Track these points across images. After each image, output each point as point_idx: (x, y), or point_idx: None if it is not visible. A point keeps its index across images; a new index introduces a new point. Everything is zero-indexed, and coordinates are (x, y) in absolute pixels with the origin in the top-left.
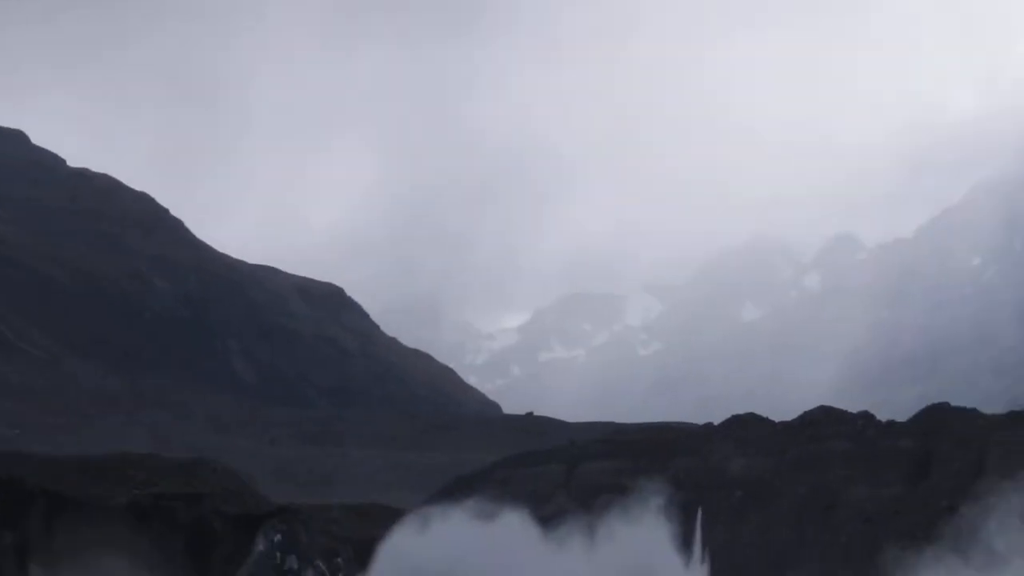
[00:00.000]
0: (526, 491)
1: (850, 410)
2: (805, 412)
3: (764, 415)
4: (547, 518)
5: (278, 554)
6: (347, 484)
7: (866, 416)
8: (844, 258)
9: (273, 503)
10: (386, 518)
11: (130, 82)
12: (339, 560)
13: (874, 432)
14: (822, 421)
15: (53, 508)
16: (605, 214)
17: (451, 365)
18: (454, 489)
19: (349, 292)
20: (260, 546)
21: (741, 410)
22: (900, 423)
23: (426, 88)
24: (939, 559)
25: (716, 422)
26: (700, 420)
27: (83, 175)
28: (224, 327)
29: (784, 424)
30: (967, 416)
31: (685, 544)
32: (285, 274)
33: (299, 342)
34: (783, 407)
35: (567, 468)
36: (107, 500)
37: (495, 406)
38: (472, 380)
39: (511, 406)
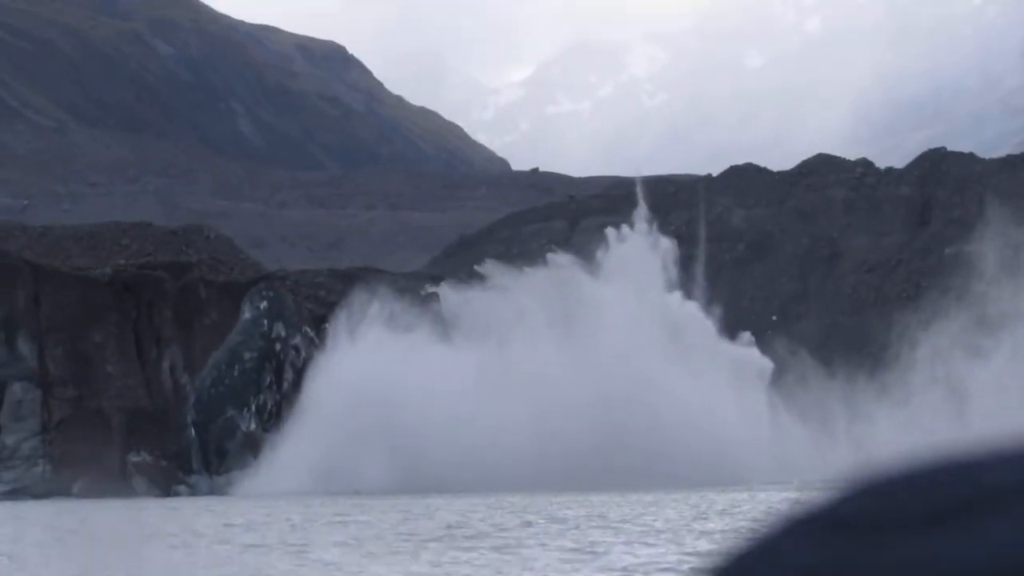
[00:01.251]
0: (530, 249)
1: (858, 156)
2: (803, 161)
3: (771, 165)
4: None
5: (265, 321)
6: (356, 246)
7: (865, 163)
8: (842, 2)
9: (263, 269)
10: (376, 282)
11: None
12: (326, 326)
13: (873, 179)
14: (821, 169)
15: (40, 280)
16: None
17: (458, 122)
18: (457, 249)
19: (351, 50)
20: (246, 313)
21: (750, 160)
22: (898, 169)
23: None
24: (940, 306)
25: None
26: (710, 171)
27: None
28: (227, 90)
29: (783, 173)
30: (965, 160)
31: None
32: (286, 33)
33: (303, 102)
34: (791, 155)
35: (569, 224)
36: (92, 271)
37: (503, 162)
38: (480, 137)
39: (519, 162)
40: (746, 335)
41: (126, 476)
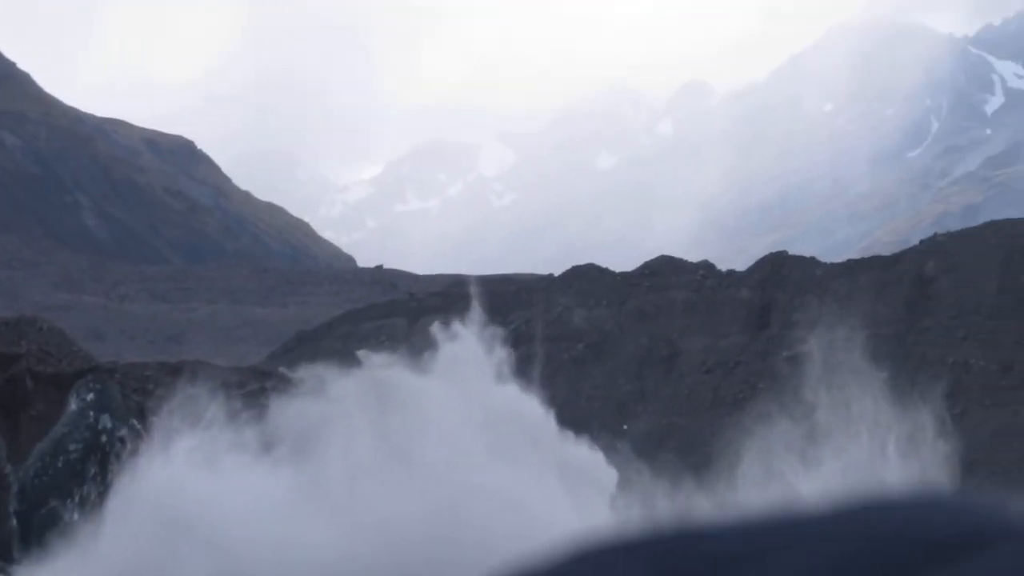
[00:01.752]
0: (369, 345)
1: (707, 259)
2: (645, 262)
3: (618, 266)
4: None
5: (91, 413)
6: (197, 340)
7: (706, 266)
8: (696, 105)
9: (93, 361)
10: (204, 375)
11: None
12: (154, 418)
13: (714, 282)
14: (663, 271)
15: None
16: (459, 63)
17: (305, 218)
18: (296, 345)
19: (200, 145)
20: (73, 405)
21: (597, 261)
22: (739, 272)
23: None
24: (778, 407)
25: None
26: (556, 271)
27: None
28: (74, 183)
29: (625, 274)
30: (805, 264)
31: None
32: (134, 127)
33: (149, 196)
34: (639, 256)
35: (408, 321)
36: None
37: (350, 259)
38: (327, 234)
39: (366, 259)
40: (584, 439)
41: None
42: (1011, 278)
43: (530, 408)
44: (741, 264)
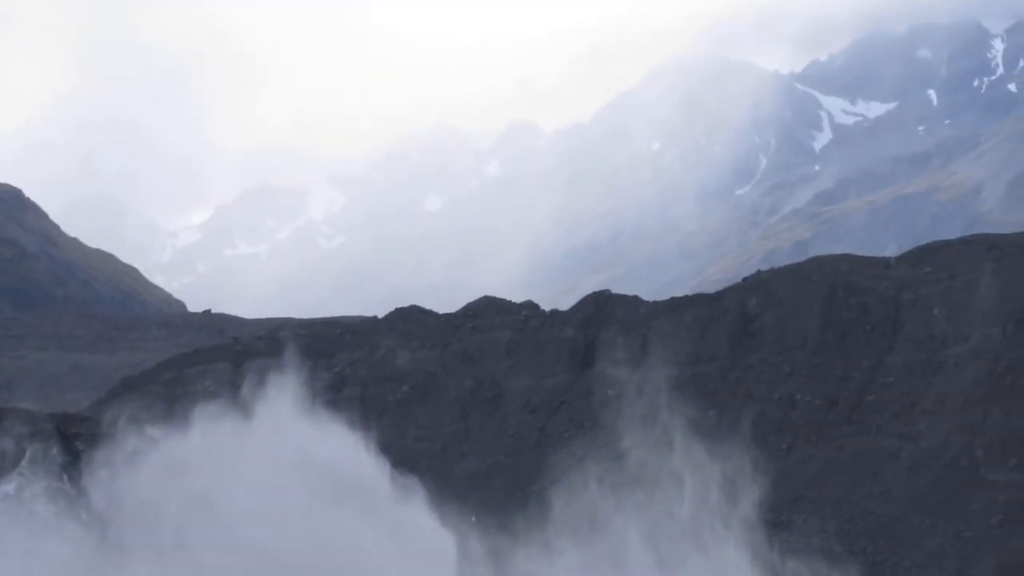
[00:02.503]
0: (194, 390)
1: (535, 299)
2: (468, 304)
3: (445, 307)
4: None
5: None
6: (26, 388)
7: (530, 306)
8: (523, 145)
9: None
10: (21, 424)
11: None
12: None
13: (537, 322)
14: (486, 312)
15: None
16: (286, 108)
17: (135, 264)
18: (121, 390)
19: (28, 193)
20: None
21: (423, 302)
22: (563, 312)
23: None
24: (600, 446)
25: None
26: (380, 313)
27: None
28: None
29: (448, 316)
30: (629, 303)
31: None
32: None
33: None
34: (466, 297)
35: (233, 365)
36: None
37: (180, 304)
38: (158, 279)
39: (197, 304)
40: (417, 494)
41: None
42: (835, 313)
43: (356, 459)
44: (570, 304)
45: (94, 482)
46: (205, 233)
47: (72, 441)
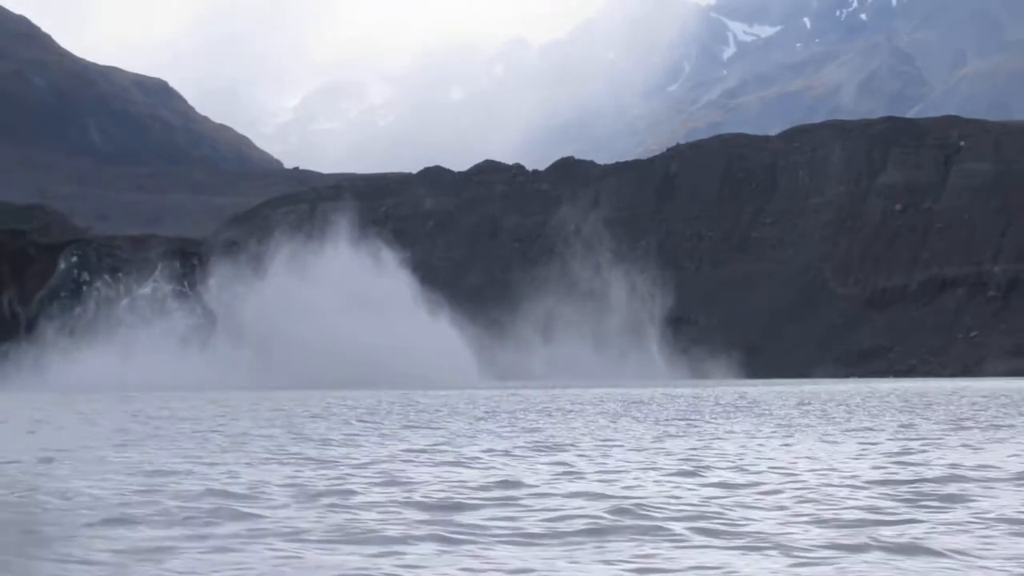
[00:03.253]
0: (281, 223)
1: (523, 162)
2: (476, 164)
3: (460, 167)
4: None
5: (75, 271)
6: (169, 220)
7: (518, 167)
8: (517, 54)
9: (79, 233)
10: (158, 245)
11: None
12: (119, 275)
13: (523, 178)
14: (487, 171)
15: None
16: (354, 24)
17: (247, 135)
18: (231, 222)
19: (172, 84)
20: (62, 265)
21: (446, 164)
22: (541, 171)
23: None
24: (563, 267)
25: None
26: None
27: None
28: (84, 111)
29: (461, 173)
30: (586, 166)
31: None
32: (126, 72)
33: (139, 121)
34: (477, 159)
35: (311, 207)
36: None
37: (278, 163)
38: (263, 145)
39: (290, 163)
40: (442, 307)
41: None
42: (731, 174)
43: (394, 277)
44: (547, 166)
45: (206, 287)
46: (296, 113)
47: (191, 258)
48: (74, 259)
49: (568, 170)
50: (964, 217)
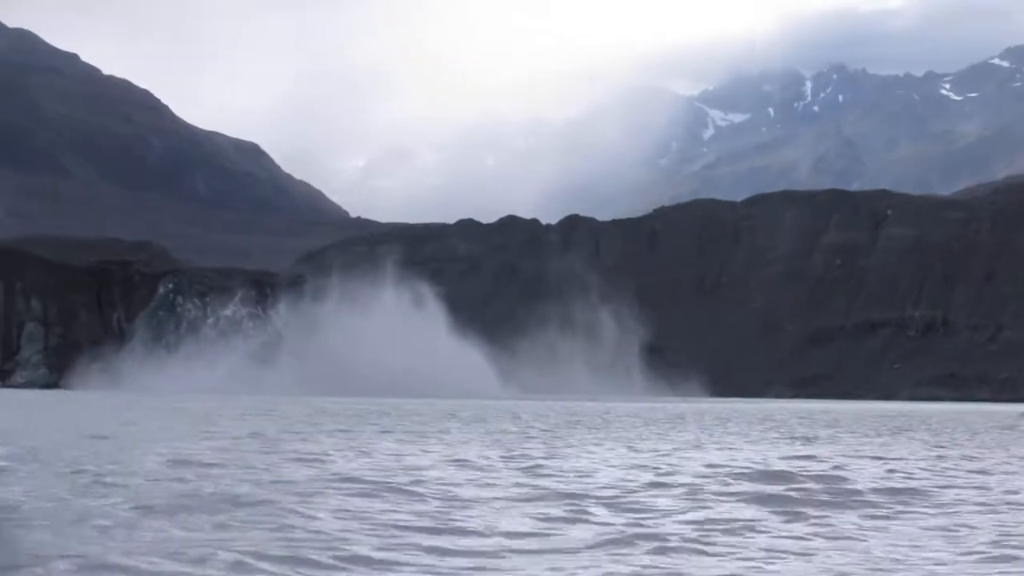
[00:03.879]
0: (341, 264)
1: (538, 218)
2: (500, 218)
3: (485, 219)
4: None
5: (171, 295)
6: (256, 258)
7: (534, 221)
8: (538, 130)
9: (175, 265)
10: (238, 276)
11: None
12: (207, 299)
13: (538, 230)
14: (510, 223)
15: (44, 270)
16: (410, 102)
17: (320, 188)
18: (303, 259)
19: (263, 146)
20: (160, 291)
21: (482, 211)
22: (553, 224)
23: None
24: (564, 303)
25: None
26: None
27: (108, 80)
28: (192, 168)
29: (489, 224)
30: (589, 222)
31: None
32: (225, 136)
33: (236, 180)
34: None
35: (369, 249)
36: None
37: (345, 212)
38: (333, 197)
39: (354, 212)
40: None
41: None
42: (704, 232)
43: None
44: (557, 221)
45: (276, 312)
46: (362, 172)
47: (264, 288)
48: (170, 286)
49: (574, 225)
50: (890, 272)
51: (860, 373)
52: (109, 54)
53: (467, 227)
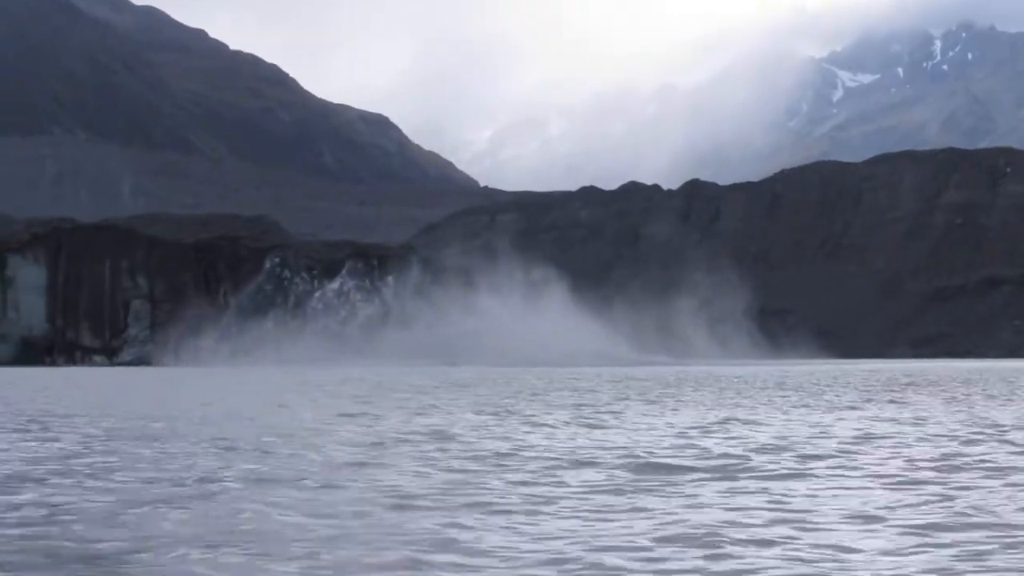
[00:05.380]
0: (462, 233)
1: (663, 184)
2: (620, 184)
3: (611, 186)
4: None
5: (277, 269)
6: (382, 231)
7: (655, 187)
8: (667, 96)
9: (284, 239)
10: (345, 248)
11: None
12: (315, 271)
13: (660, 196)
14: (631, 190)
15: (151, 248)
16: (531, 71)
17: (451, 159)
18: (428, 230)
19: (392, 118)
20: (267, 265)
21: (606, 173)
22: (674, 190)
23: None
24: (686, 268)
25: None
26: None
27: (236, 55)
28: (319, 141)
29: (610, 191)
30: (709, 187)
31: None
32: (353, 108)
33: (365, 151)
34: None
35: (491, 218)
36: (182, 241)
37: (474, 181)
38: (463, 167)
39: (483, 181)
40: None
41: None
42: (825, 194)
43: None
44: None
45: (384, 283)
46: (490, 143)
47: (371, 260)
48: (277, 260)
49: (695, 190)
50: (1010, 229)
51: (981, 331)
52: (236, 30)
53: (589, 194)
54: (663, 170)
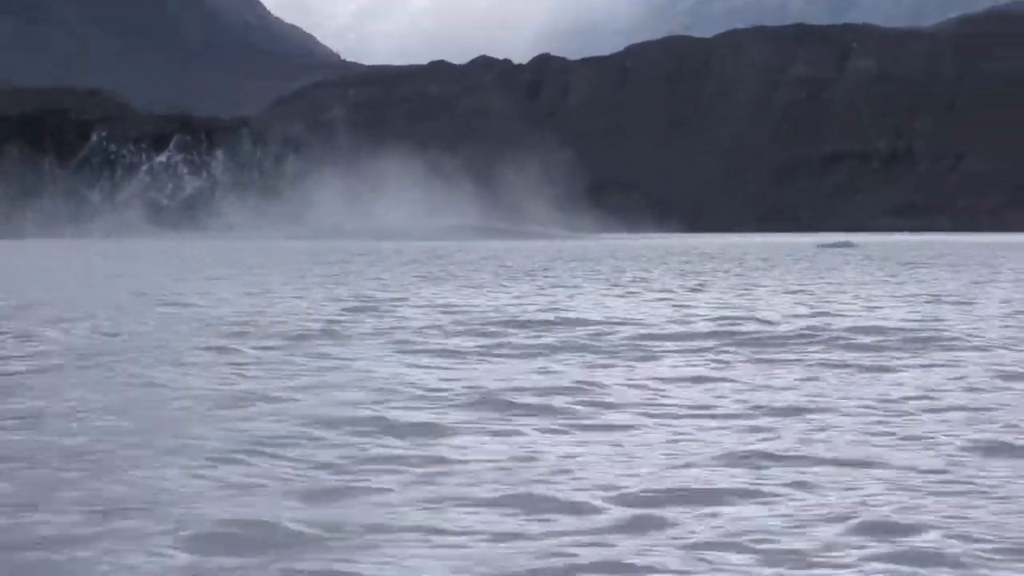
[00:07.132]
0: (308, 107)
1: (518, 60)
2: (471, 59)
3: (464, 61)
4: None
5: (104, 143)
6: (216, 99)
7: (506, 61)
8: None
9: (109, 113)
10: (177, 124)
11: None
12: (143, 144)
13: (510, 70)
14: (481, 64)
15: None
16: None
17: (313, 32)
18: (274, 105)
19: None
20: (94, 138)
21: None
22: (524, 64)
23: None
24: (540, 143)
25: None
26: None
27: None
28: (184, 14)
29: (460, 66)
30: (559, 61)
31: None
32: None
33: (223, 23)
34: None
35: (342, 90)
36: (5, 114)
37: (336, 55)
38: (324, 40)
39: (348, 56)
40: None
41: None
42: (673, 70)
43: None
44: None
45: (213, 157)
46: (355, 16)
47: (200, 132)
48: (104, 133)
49: (544, 64)
50: (854, 105)
51: (825, 205)
52: None
53: (440, 68)
54: (522, 46)
